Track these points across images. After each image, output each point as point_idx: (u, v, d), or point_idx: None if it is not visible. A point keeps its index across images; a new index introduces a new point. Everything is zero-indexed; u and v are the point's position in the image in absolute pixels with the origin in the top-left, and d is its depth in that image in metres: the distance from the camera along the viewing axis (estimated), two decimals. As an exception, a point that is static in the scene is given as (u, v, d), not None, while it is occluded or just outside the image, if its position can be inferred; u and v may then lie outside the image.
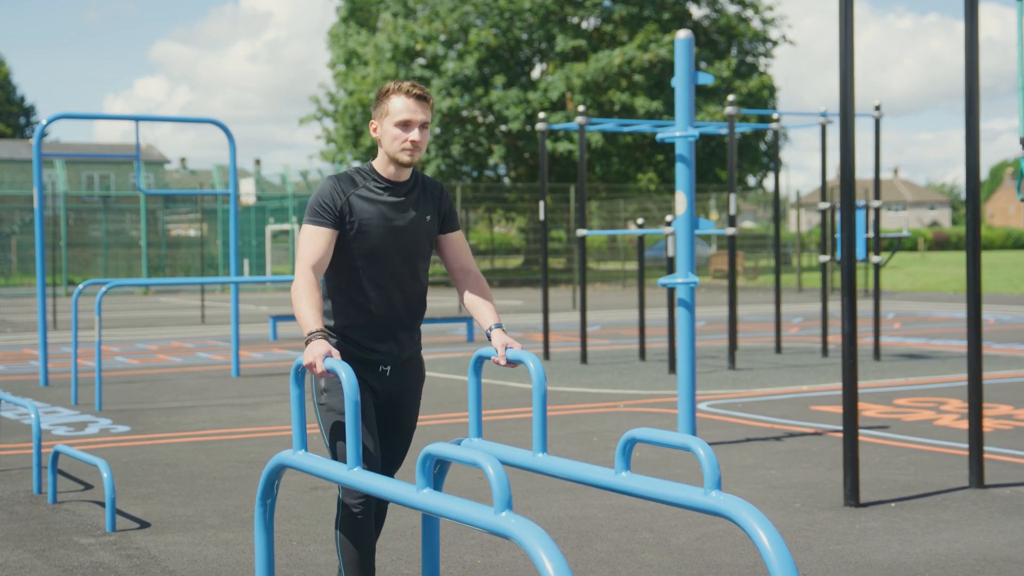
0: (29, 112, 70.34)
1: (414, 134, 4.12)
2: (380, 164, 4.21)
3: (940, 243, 65.92)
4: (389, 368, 4.25)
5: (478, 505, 3.07)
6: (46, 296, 13.00)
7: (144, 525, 6.06)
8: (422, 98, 4.13)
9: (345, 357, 4.18)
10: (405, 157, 4.13)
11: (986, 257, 49.38)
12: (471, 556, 5.43)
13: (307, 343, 3.91)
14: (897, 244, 14.46)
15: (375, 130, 4.20)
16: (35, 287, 27.54)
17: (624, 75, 37.75)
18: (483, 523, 3.00)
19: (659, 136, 7.84)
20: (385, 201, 4.18)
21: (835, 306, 21.36)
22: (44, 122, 12.36)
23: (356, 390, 3.67)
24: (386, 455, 4.35)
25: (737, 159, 15.12)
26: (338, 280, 4.19)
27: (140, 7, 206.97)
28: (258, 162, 58.35)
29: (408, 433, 4.40)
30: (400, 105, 4.11)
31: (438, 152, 38.99)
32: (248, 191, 37.77)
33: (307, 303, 4.02)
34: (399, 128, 4.11)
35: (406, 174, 4.21)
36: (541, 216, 14.29)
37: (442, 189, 4.35)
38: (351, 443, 3.69)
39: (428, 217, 4.26)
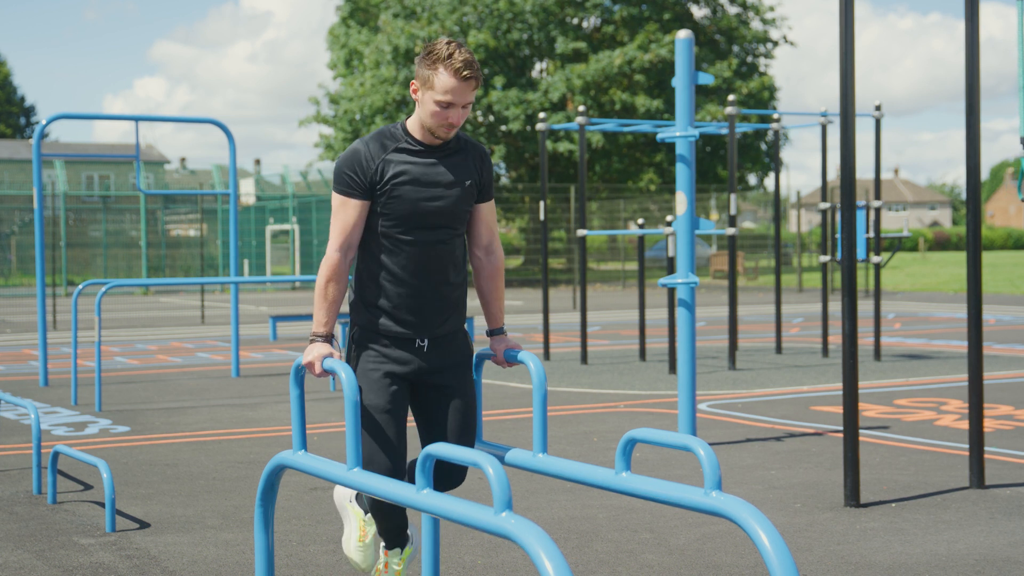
0: (29, 112, 70.37)
1: (455, 116, 3.87)
2: (414, 125, 3.96)
3: (940, 243, 65.93)
4: (427, 342, 4.02)
5: (478, 505, 3.07)
6: (46, 296, 13.00)
7: (144, 525, 6.05)
8: (471, 79, 3.85)
9: (379, 332, 3.99)
10: (442, 132, 3.91)
11: (986, 257, 49.38)
12: (471, 556, 5.42)
13: (310, 342, 3.92)
14: (897, 244, 14.46)
15: (415, 91, 3.92)
16: (35, 287, 27.55)
17: (624, 75, 37.76)
18: (483, 523, 3.00)
19: (659, 136, 7.83)
20: (420, 163, 3.93)
21: (835, 306, 21.36)
22: (44, 122, 12.36)
23: (356, 390, 3.67)
24: (451, 437, 4.09)
25: (737, 159, 15.11)
26: (370, 247, 3.98)
27: (140, 7, 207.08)
28: (258, 162, 58.36)
29: (466, 410, 4.09)
30: (447, 83, 3.82)
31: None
32: (248, 191, 37.77)
33: (324, 301, 3.92)
34: (440, 106, 3.85)
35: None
36: (541, 216, 14.29)
37: (484, 153, 4.08)
38: (351, 444, 3.69)
39: (468, 182, 4.00)
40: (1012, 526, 5.90)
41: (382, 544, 4.29)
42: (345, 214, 3.93)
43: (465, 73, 3.82)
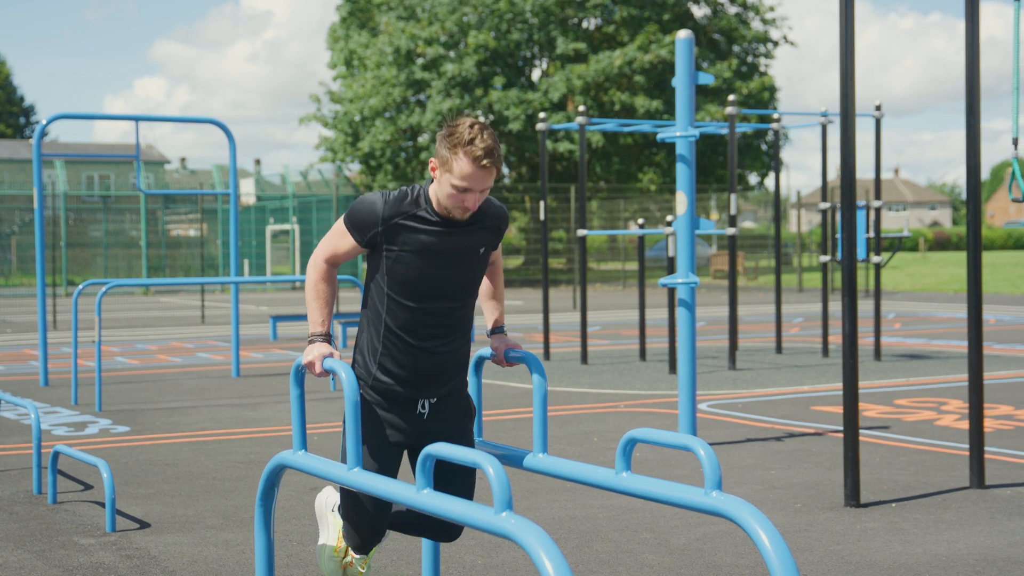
0: (29, 112, 70.37)
1: (471, 201, 3.80)
2: (434, 198, 3.86)
3: (941, 243, 65.91)
4: (427, 408, 3.99)
5: (478, 505, 3.07)
6: (46, 296, 13.00)
7: (144, 525, 6.05)
8: (491, 167, 3.76)
9: (380, 393, 3.96)
10: (458, 214, 3.83)
11: (987, 257, 49.38)
12: (471, 556, 5.42)
13: (309, 342, 3.92)
14: (898, 244, 14.46)
15: (433, 169, 3.83)
16: (35, 287, 27.55)
17: (625, 76, 37.76)
18: (483, 523, 3.00)
19: (660, 136, 7.83)
20: (435, 234, 3.85)
21: (836, 306, 21.36)
22: (44, 122, 12.36)
23: (356, 390, 3.67)
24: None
25: (738, 159, 15.08)
26: (376, 307, 3.94)
27: (140, 7, 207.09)
28: (258, 162, 58.38)
29: (465, 474, 4.03)
30: (465, 170, 3.73)
31: (438, 152, 39.01)
32: (248, 191, 37.78)
33: (318, 300, 3.92)
34: (456, 190, 3.77)
35: None
36: (541, 216, 14.29)
37: (503, 215, 3.99)
38: (351, 445, 3.69)
39: (483, 249, 3.95)
40: (1012, 526, 5.90)
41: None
42: (340, 243, 3.93)
43: (485, 162, 3.74)
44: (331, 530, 4.30)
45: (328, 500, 4.36)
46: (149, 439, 8.74)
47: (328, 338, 3.93)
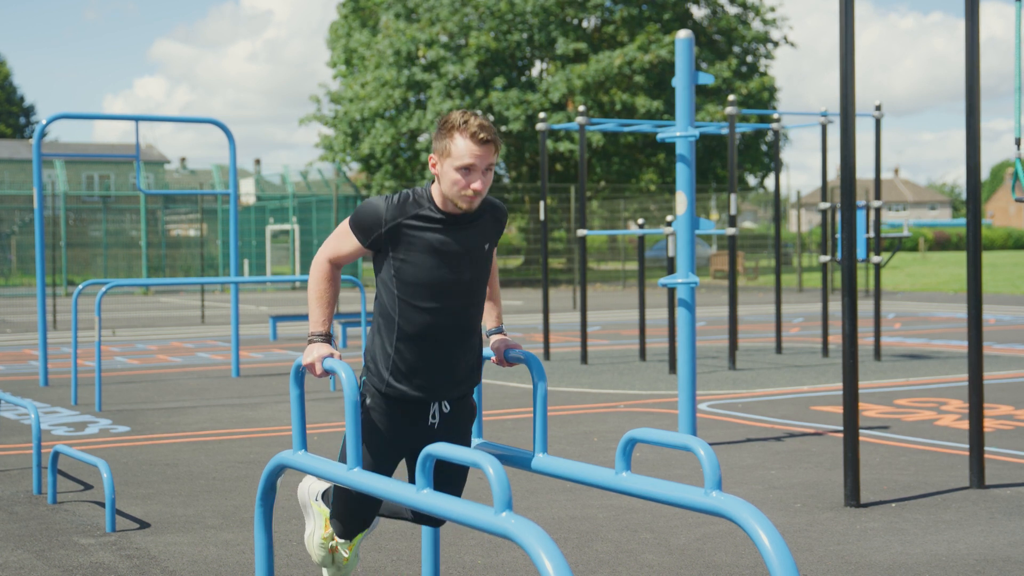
0: (29, 112, 70.38)
1: (476, 182, 3.78)
2: (438, 195, 3.87)
3: (940, 243, 65.92)
4: (438, 417, 3.99)
5: (478, 505, 3.07)
6: (46, 296, 13.00)
7: (144, 525, 6.05)
8: (489, 142, 3.77)
9: (392, 396, 3.94)
10: (464, 204, 3.81)
11: (986, 257, 49.38)
12: (471, 556, 5.42)
13: (309, 342, 3.91)
14: (897, 244, 14.46)
15: (434, 165, 3.84)
16: (35, 287, 27.55)
17: (625, 76, 37.76)
18: (483, 523, 3.00)
19: (660, 136, 7.83)
20: (439, 233, 3.85)
21: (835, 306, 21.36)
22: (44, 122, 12.36)
23: (356, 390, 3.67)
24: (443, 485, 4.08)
25: (737, 159, 15.08)
26: (387, 309, 3.92)
27: (140, 7, 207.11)
28: (258, 162, 58.37)
29: (460, 473, 4.09)
30: (463, 148, 3.76)
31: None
32: (248, 191, 37.78)
33: (320, 300, 3.91)
34: (460, 173, 3.77)
35: None
36: (541, 216, 14.29)
37: (502, 210, 4.01)
38: (351, 444, 3.69)
39: (487, 245, 3.96)
40: (1012, 526, 5.90)
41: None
42: (344, 243, 3.93)
43: (482, 136, 3.76)
44: (317, 518, 4.31)
45: (311, 489, 4.36)
46: (149, 439, 8.74)
47: (328, 338, 3.93)
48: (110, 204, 40.18)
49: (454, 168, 3.78)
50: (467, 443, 4.11)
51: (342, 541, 4.27)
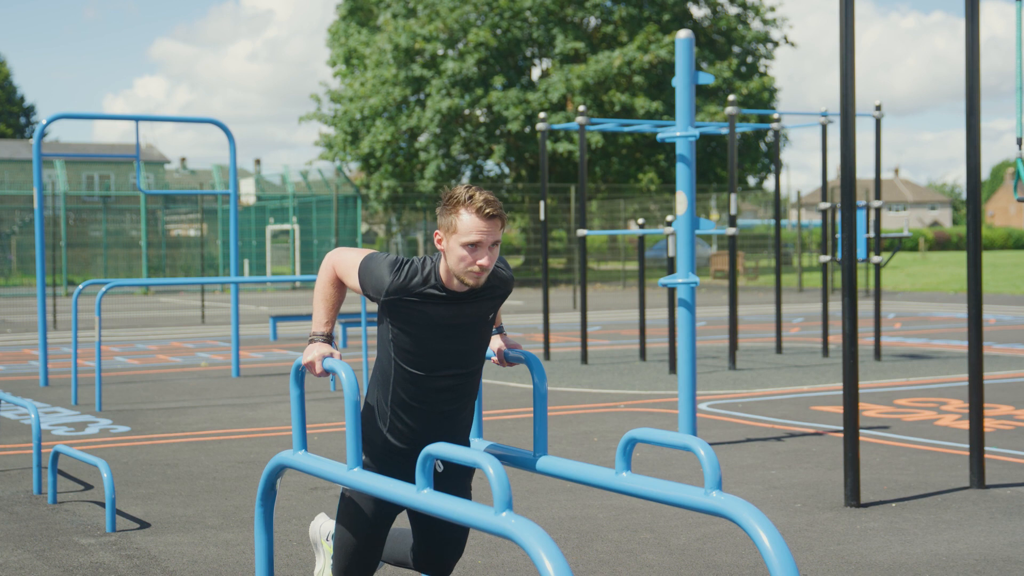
0: (29, 112, 70.38)
1: (483, 259, 3.70)
2: (444, 272, 3.78)
3: (941, 243, 65.92)
4: (441, 466, 3.95)
5: (478, 505, 3.07)
6: (46, 296, 13.00)
7: (144, 525, 6.05)
8: (495, 217, 3.70)
9: (387, 446, 3.90)
10: (470, 280, 3.73)
11: (987, 257, 49.38)
12: (471, 556, 5.42)
13: (310, 341, 3.91)
14: (898, 244, 14.46)
15: (439, 241, 3.76)
16: (35, 287, 27.54)
17: (624, 76, 37.76)
18: (483, 523, 3.00)
19: (660, 136, 7.83)
20: (442, 308, 3.79)
21: (836, 306, 21.36)
22: (44, 122, 12.36)
23: (356, 390, 3.67)
24: (439, 549, 4.07)
25: (738, 159, 15.08)
26: (385, 367, 3.88)
27: (140, 6, 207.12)
28: (258, 162, 58.38)
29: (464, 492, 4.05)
30: (469, 224, 3.68)
31: (438, 152, 39.03)
32: (248, 191, 37.76)
33: (324, 302, 3.89)
34: (466, 249, 3.69)
35: None
36: (541, 216, 14.29)
37: (509, 282, 3.93)
38: (351, 444, 3.69)
39: (490, 316, 3.89)
40: (1012, 526, 5.90)
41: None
42: (349, 275, 3.84)
43: (488, 211, 3.69)
44: (326, 556, 4.34)
45: (322, 528, 4.37)
46: (149, 439, 8.74)
47: (329, 339, 3.93)
48: (110, 204, 40.18)
49: (460, 244, 3.70)
50: (466, 495, 4.05)
51: None
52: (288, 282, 33.42)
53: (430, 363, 3.82)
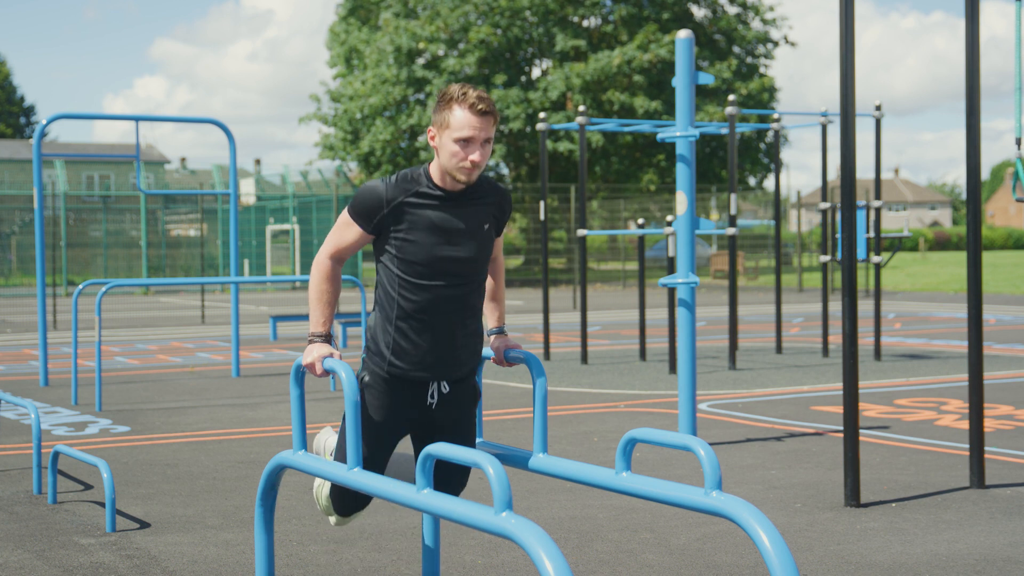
0: (29, 112, 70.39)
1: (475, 154, 3.80)
2: (436, 172, 3.90)
3: (941, 243, 65.92)
4: (436, 396, 4.00)
5: (478, 505, 3.07)
6: (46, 296, 13.00)
7: (144, 525, 6.05)
8: (487, 113, 3.80)
9: (393, 376, 3.94)
10: (462, 176, 3.84)
11: (987, 257, 49.38)
12: (471, 556, 5.42)
13: (309, 342, 3.92)
14: (898, 244, 14.46)
15: (433, 138, 3.88)
16: (35, 287, 27.53)
17: (624, 75, 37.76)
18: (483, 523, 3.00)
19: (660, 136, 7.83)
20: (439, 209, 3.88)
21: (836, 306, 21.36)
22: (44, 122, 12.36)
23: (356, 390, 3.68)
24: (445, 481, 4.09)
25: (738, 159, 15.09)
26: (388, 290, 3.93)
27: (140, 6, 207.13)
28: (258, 162, 58.41)
29: (462, 468, 4.10)
30: (462, 120, 3.78)
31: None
32: (248, 191, 37.78)
33: (320, 300, 3.91)
34: (459, 145, 3.79)
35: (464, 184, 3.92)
36: (541, 216, 14.29)
37: (505, 195, 4.04)
38: (351, 444, 3.69)
39: (486, 226, 3.96)
40: (1012, 526, 5.90)
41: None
42: (345, 234, 3.94)
43: (480, 107, 3.78)
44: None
45: (327, 444, 4.35)
46: (149, 439, 8.74)
47: (328, 338, 3.93)
48: (110, 204, 40.18)
49: (453, 140, 3.80)
50: (469, 424, 4.10)
51: (336, 518, 4.26)
52: (288, 282, 33.42)
53: (432, 269, 3.87)
